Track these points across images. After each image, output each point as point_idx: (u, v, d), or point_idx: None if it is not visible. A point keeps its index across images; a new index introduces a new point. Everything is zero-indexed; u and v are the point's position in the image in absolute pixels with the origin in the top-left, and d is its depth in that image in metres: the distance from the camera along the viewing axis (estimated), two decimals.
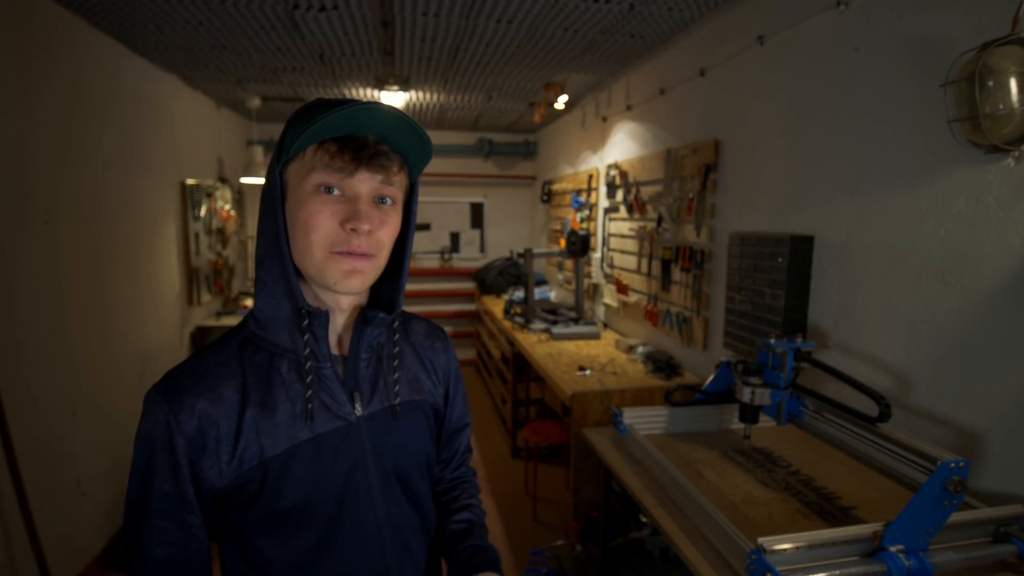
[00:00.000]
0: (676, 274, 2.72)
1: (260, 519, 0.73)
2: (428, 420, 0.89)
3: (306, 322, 0.73)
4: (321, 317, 0.74)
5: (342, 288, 0.72)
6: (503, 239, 5.93)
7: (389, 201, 0.74)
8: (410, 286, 5.75)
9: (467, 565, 0.85)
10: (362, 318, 0.79)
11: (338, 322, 0.79)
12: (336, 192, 0.70)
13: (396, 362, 0.84)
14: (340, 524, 0.76)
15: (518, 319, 3.76)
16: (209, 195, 4.02)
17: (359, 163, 0.70)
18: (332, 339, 0.79)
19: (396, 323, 0.85)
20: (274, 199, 0.72)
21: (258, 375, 0.74)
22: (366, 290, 0.80)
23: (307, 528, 0.75)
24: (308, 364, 0.74)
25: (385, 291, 0.84)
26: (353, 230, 0.69)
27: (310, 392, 0.74)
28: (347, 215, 0.70)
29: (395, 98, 3.79)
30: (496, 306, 4.42)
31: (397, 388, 0.83)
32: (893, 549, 1.01)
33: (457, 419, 0.98)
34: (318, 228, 0.69)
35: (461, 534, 0.91)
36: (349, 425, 0.77)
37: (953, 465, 1.00)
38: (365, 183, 0.71)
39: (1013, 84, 1.14)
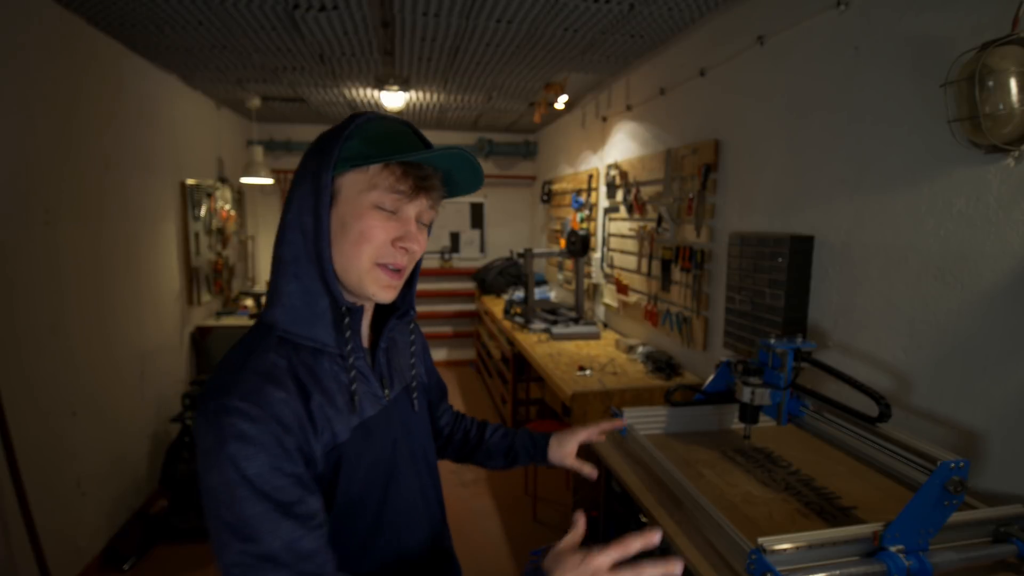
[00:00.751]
0: (676, 274, 2.72)
1: (338, 507, 0.75)
2: (426, 397, 1.01)
3: (347, 319, 0.77)
4: (358, 312, 0.79)
5: (378, 298, 0.78)
6: (503, 239, 5.93)
7: (427, 222, 0.81)
8: None
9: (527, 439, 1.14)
10: (386, 314, 0.89)
11: (366, 316, 0.87)
12: (390, 209, 0.76)
13: (412, 348, 0.94)
14: (386, 503, 0.82)
15: (518, 319, 3.76)
16: (209, 195, 4.02)
17: (419, 191, 0.76)
18: (364, 331, 0.85)
19: (412, 325, 0.97)
20: (322, 202, 0.74)
21: (307, 370, 0.75)
22: None
23: (364, 511, 0.79)
24: (351, 358, 0.78)
25: (403, 294, 0.91)
26: (403, 248, 0.76)
27: (355, 384, 0.78)
28: (399, 234, 0.76)
29: (395, 98, 3.79)
30: (496, 306, 4.42)
31: (414, 372, 0.93)
32: (893, 549, 1.01)
33: (439, 385, 1.12)
34: (372, 241, 0.75)
35: (481, 427, 1.17)
36: (384, 409, 0.83)
37: (953, 465, 1.00)
38: (418, 207, 0.77)
39: (1013, 84, 1.14)
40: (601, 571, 0.64)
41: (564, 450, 1.12)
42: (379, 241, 0.75)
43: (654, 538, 0.65)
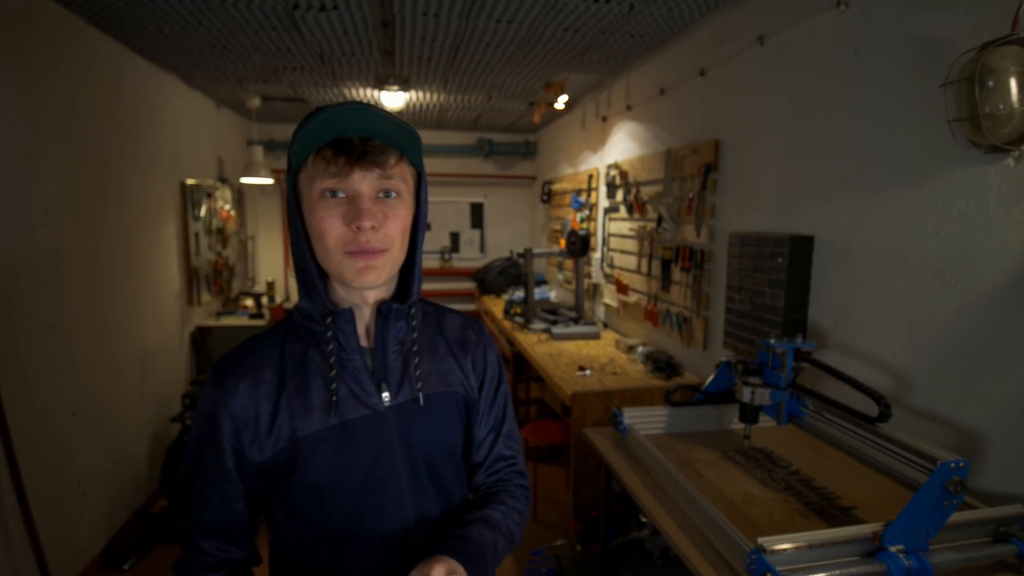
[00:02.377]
0: (676, 274, 2.72)
1: (293, 497, 0.79)
2: (459, 412, 0.89)
3: (329, 319, 0.78)
4: (344, 315, 0.78)
5: (359, 284, 0.76)
6: (503, 239, 5.93)
7: (394, 194, 0.76)
8: None
9: (435, 548, 0.76)
10: (380, 311, 0.81)
11: (366, 316, 0.83)
12: (341, 194, 0.74)
13: (416, 347, 0.84)
14: (364, 510, 0.80)
15: (518, 319, 3.76)
16: (209, 195, 4.02)
17: (352, 164, 0.72)
18: (361, 331, 0.83)
19: (413, 310, 0.84)
20: (292, 209, 0.78)
21: (295, 362, 0.80)
22: (391, 283, 0.83)
23: (334, 510, 0.79)
24: (332, 358, 0.79)
25: (404, 282, 0.86)
26: (358, 228, 0.73)
27: (335, 384, 0.79)
28: (351, 215, 0.73)
29: (395, 98, 3.79)
30: (496, 306, 4.42)
31: (419, 376, 0.83)
32: (893, 549, 1.01)
33: (487, 414, 0.93)
34: (329, 232, 0.74)
35: (463, 522, 0.84)
36: (376, 414, 0.80)
37: (953, 465, 1.00)
38: (363, 181, 0.73)
39: (1013, 84, 1.14)
40: None
41: None
42: (336, 229, 0.73)
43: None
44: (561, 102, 3.84)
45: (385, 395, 0.81)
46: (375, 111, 0.73)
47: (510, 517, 0.89)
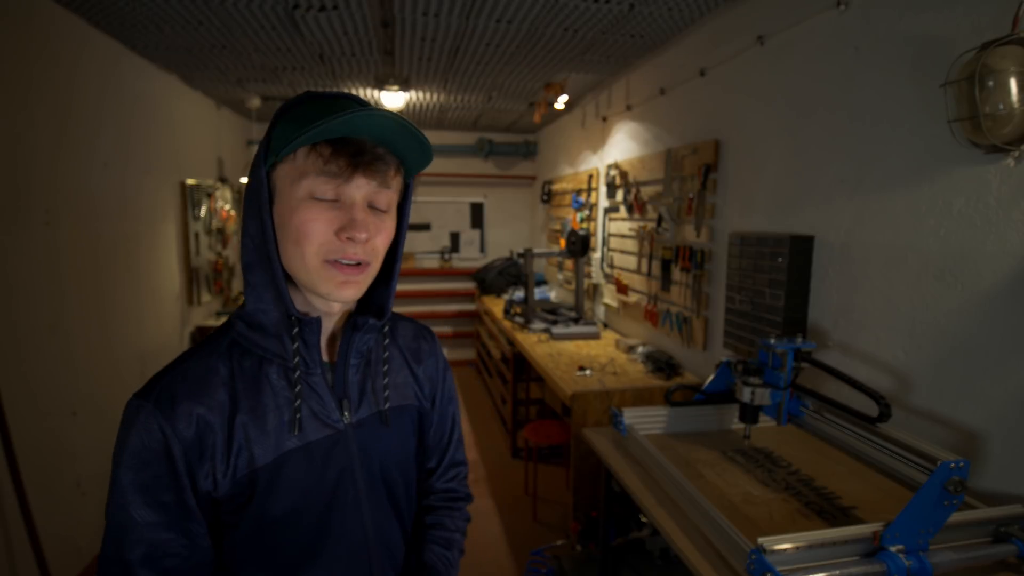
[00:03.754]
0: (676, 274, 2.72)
1: (247, 529, 0.71)
2: (414, 425, 0.87)
3: (296, 329, 0.70)
4: (312, 324, 0.71)
5: (335, 298, 0.70)
6: (503, 239, 5.93)
7: (384, 206, 0.71)
8: (410, 286, 5.75)
9: None
10: (352, 324, 0.77)
11: (328, 327, 0.77)
12: (330, 198, 0.67)
13: (385, 367, 0.81)
14: (328, 533, 0.74)
15: (518, 319, 3.76)
16: (209, 195, 4.02)
17: (355, 169, 0.66)
18: (323, 344, 0.77)
19: (386, 328, 0.82)
20: (261, 201, 0.67)
21: (247, 381, 0.71)
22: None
23: (295, 537, 0.73)
24: (297, 373, 0.71)
25: (376, 296, 0.81)
26: (349, 239, 0.66)
27: (299, 401, 0.71)
28: (343, 223, 0.66)
29: (395, 98, 3.79)
30: (496, 306, 4.42)
31: (387, 394, 0.81)
32: (893, 549, 1.01)
33: (443, 423, 0.94)
34: (311, 237, 0.66)
35: (427, 549, 0.89)
36: (337, 433, 0.75)
37: (953, 465, 1.00)
38: (361, 189, 0.67)
39: (1013, 84, 1.14)
40: None
41: None
42: (321, 235, 0.66)
43: None
44: (561, 102, 3.84)
45: (346, 412, 0.76)
46: (394, 117, 0.65)
47: (460, 530, 0.95)
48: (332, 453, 0.74)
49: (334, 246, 0.67)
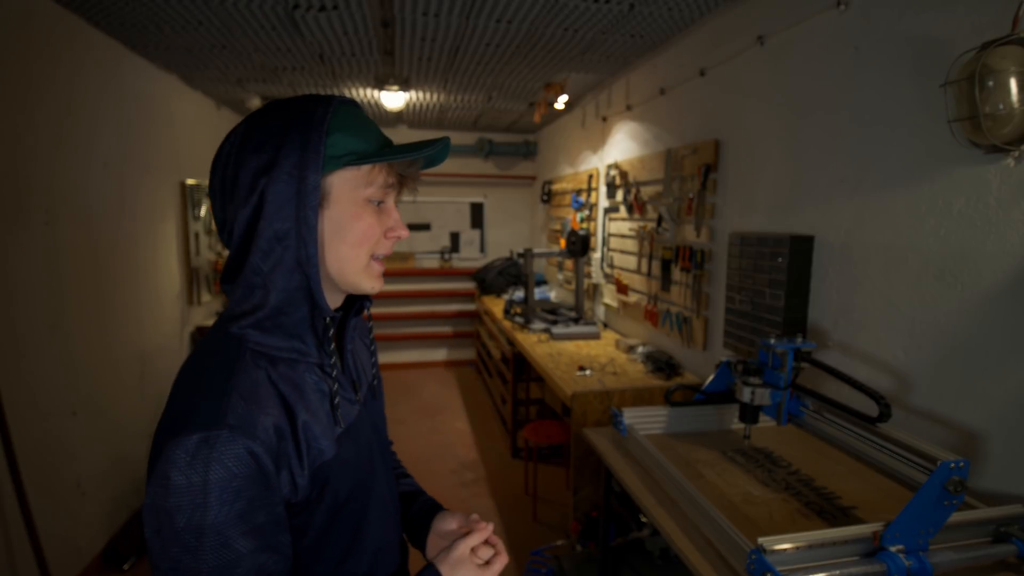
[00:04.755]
0: (676, 274, 2.72)
1: (312, 523, 0.72)
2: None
3: (331, 330, 0.74)
4: (335, 319, 0.76)
5: (374, 289, 0.77)
6: (503, 239, 5.93)
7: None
8: (410, 286, 5.76)
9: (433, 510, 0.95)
10: (356, 309, 0.84)
11: None
12: (378, 201, 0.75)
13: (373, 346, 0.92)
14: (369, 504, 0.81)
15: (518, 319, 3.76)
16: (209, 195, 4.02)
17: (400, 183, 0.76)
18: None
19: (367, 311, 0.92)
20: (309, 205, 0.67)
21: (289, 384, 0.70)
22: None
23: (351, 516, 0.78)
24: (334, 362, 0.75)
25: None
26: (396, 237, 0.76)
27: (336, 385, 0.76)
28: (389, 224, 0.75)
29: (395, 98, 3.79)
30: (496, 306, 4.42)
31: (375, 371, 0.90)
32: (893, 549, 1.01)
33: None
34: (371, 238, 0.74)
35: (414, 494, 1.01)
36: (360, 412, 0.82)
37: (953, 465, 1.00)
38: (396, 194, 0.77)
39: (1013, 84, 1.14)
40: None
41: (443, 527, 0.93)
42: (375, 236, 0.74)
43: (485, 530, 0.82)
44: (561, 102, 3.84)
45: (358, 394, 0.83)
46: (448, 148, 0.76)
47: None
48: (362, 429, 0.81)
49: (382, 244, 0.76)
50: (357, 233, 0.72)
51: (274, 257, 0.68)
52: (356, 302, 0.85)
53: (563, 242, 4.04)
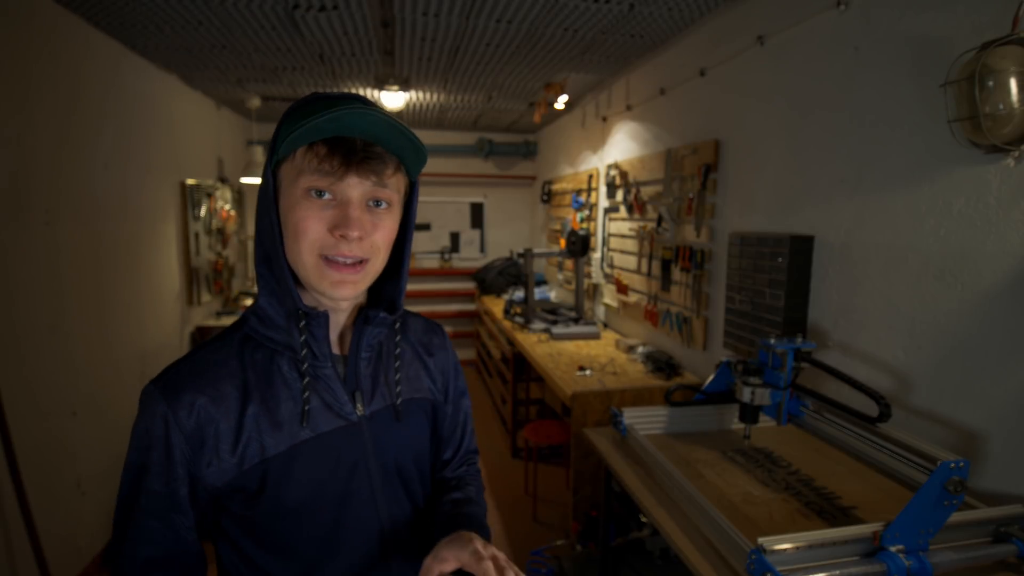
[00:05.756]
0: (676, 274, 2.72)
1: (262, 522, 0.72)
2: (428, 418, 0.88)
3: (303, 323, 0.72)
4: (319, 318, 0.73)
5: (331, 296, 0.71)
6: (503, 239, 5.93)
7: (384, 204, 0.72)
8: (410, 286, 5.73)
9: (451, 522, 0.80)
10: (363, 318, 0.78)
11: (339, 321, 0.78)
12: (327, 196, 0.68)
13: (397, 363, 0.83)
14: (343, 526, 0.75)
15: (518, 319, 3.76)
16: (209, 195, 4.02)
17: (348, 167, 0.67)
18: (333, 338, 0.78)
19: (398, 324, 0.84)
20: (268, 199, 0.70)
21: (259, 373, 0.73)
22: (364, 290, 0.78)
23: (312, 530, 0.74)
24: (305, 364, 0.73)
25: (386, 290, 0.83)
26: (342, 236, 0.68)
27: (308, 392, 0.73)
28: (337, 221, 0.68)
29: (395, 98, 3.79)
30: (496, 306, 4.42)
31: (399, 388, 0.82)
32: (893, 549, 1.01)
33: (456, 415, 0.95)
34: (307, 233, 0.68)
35: (455, 503, 0.87)
36: (351, 425, 0.76)
37: (953, 465, 1.00)
38: (356, 187, 0.69)
39: (1013, 84, 1.14)
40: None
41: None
42: (315, 232, 0.68)
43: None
44: (561, 102, 3.84)
45: (359, 405, 0.77)
46: (384, 116, 0.67)
47: (481, 495, 0.96)
48: (345, 445, 0.75)
49: (328, 243, 0.69)
50: (292, 225, 0.69)
51: (259, 252, 0.74)
52: (388, 310, 0.80)
53: (563, 242, 4.04)
